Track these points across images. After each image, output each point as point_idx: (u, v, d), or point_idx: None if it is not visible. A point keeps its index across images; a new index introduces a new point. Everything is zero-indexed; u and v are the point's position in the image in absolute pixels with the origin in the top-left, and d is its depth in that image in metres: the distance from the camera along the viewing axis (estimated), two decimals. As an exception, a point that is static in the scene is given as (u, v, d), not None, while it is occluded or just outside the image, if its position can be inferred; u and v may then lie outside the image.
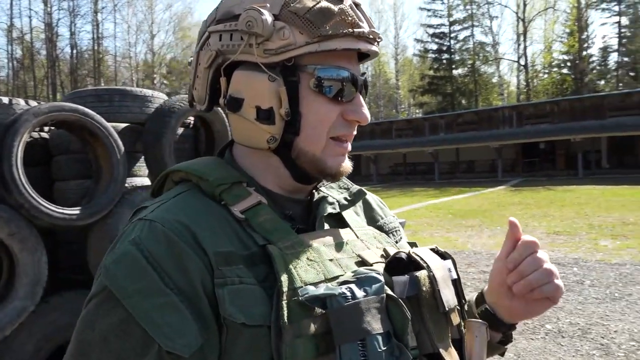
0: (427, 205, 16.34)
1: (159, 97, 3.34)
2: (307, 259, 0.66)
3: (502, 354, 0.86)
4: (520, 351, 4.20)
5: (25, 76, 42.30)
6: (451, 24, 43.56)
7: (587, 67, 42.00)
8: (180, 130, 3.50)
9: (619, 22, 42.03)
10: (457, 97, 43.25)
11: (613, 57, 44.26)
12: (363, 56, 0.75)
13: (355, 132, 0.75)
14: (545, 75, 44.80)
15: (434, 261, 0.71)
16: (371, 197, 0.90)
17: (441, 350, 0.66)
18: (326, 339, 0.60)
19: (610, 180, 21.52)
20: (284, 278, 0.61)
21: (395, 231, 0.87)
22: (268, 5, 0.67)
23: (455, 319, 0.70)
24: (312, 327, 0.59)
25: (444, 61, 43.95)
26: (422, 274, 0.68)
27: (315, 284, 0.63)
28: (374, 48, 0.71)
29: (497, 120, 29.25)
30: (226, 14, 0.70)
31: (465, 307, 0.76)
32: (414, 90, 46.80)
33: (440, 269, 0.70)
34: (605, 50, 45.11)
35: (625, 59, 43.03)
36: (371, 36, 0.70)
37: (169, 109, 3.09)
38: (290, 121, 0.69)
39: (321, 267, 0.66)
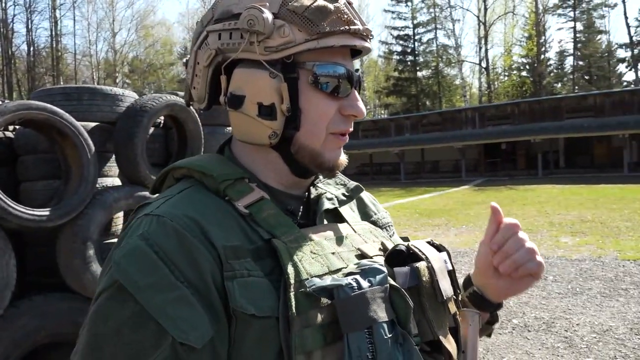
0: (394, 204, 16.55)
1: (130, 96, 3.27)
2: (311, 252, 0.68)
3: (489, 335, 0.90)
4: (489, 346, 4.31)
5: (-22, 74, 40.59)
6: (415, 26, 44.22)
7: (545, 70, 43.43)
8: (151, 130, 3.44)
9: (574, 27, 43.63)
10: (422, 99, 43.95)
11: (569, 61, 45.94)
12: (355, 53, 0.77)
13: (352, 128, 0.77)
14: (506, 78, 46.07)
15: (431, 253, 0.74)
16: (364, 193, 0.92)
17: (441, 337, 0.69)
18: (332, 328, 0.62)
19: (567, 180, 22.32)
20: (291, 271, 0.63)
21: (389, 226, 0.91)
22: (267, 4, 0.68)
23: (452, 307, 0.74)
24: (319, 317, 0.61)
25: (409, 63, 44.59)
26: (422, 265, 0.71)
27: (319, 276, 0.65)
28: (368, 44, 0.74)
29: (460, 121, 29.90)
30: (224, 13, 0.71)
31: (460, 297, 0.79)
32: (379, 92, 47.30)
33: (437, 260, 0.74)
34: (561, 54, 46.79)
35: (581, 62, 44.70)
36: (364, 33, 0.72)
37: (141, 108, 3.03)
38: (290, 117, 0.71)
39: (325, 260, 0.68)
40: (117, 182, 3.23)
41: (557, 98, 28.51)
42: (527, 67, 43.96)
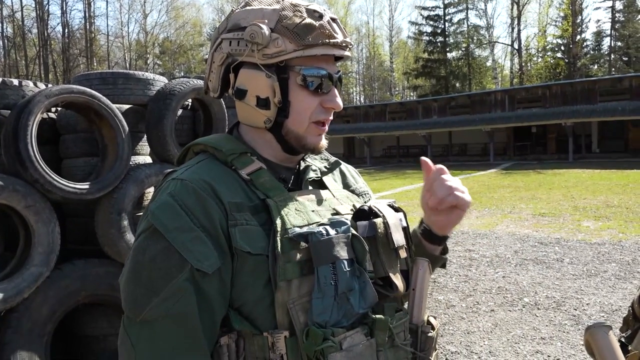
0: (419, 187, 16.58)
1: (160, 80, 3.53)
2: (295, 209, 0.91)
3: (444, 265, 1.11)
4: (498, 321, 4.49)
5: (16, 55, 41.87)
6: (446, 6, 43.35)
7: (581, 51, 42.12)
8: (179, 112, 3.70)
9: (612, 7, 42.11)
10: (451, 81, 43.30)
11: (606, 42, 44.44)
12: (338, 58, 0.99)
13: (331, 117, 0.99)
14: (539, 59, 44.91)
15: (388, 212, 0.96)
16: (346, 167, 1.15)
17: (390, 274, 0.92)
18: (307, 264, 0.86)
19: (599, 165, 21.87)
20: (278, 222, 0.86)
21: (365, 194, 1.13)
22: (266, 21, 0.90)
23: (403, 254, 0.95)
24: (298, 256, 0.85)
25: (439, 44, 43.83)
26: (378, 221, 0.94)
27: (300, 227, 0.88)
28: (346, 53, 0.95)
29: (490, 104, 29.43)
30: (235, 25, 0.94)
31: (412, 248, 1.00)
32: (408, 73, 46.77)
33: (393, 217, 0.96)
34: (598, 35, 45.27)
35: (619, 43, 43.20)
36: (343, 44, 0.93)
37: (170, 92, 3.29)
38: (281, 107, 0.94)
39: (306, 215, 0.91)
40: (148, 160, 3.51)
41: (590, 80, 27.70)
42: (562, 48, 42.72)
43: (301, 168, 1.04)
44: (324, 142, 1.00)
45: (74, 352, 3.29)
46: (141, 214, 3.37)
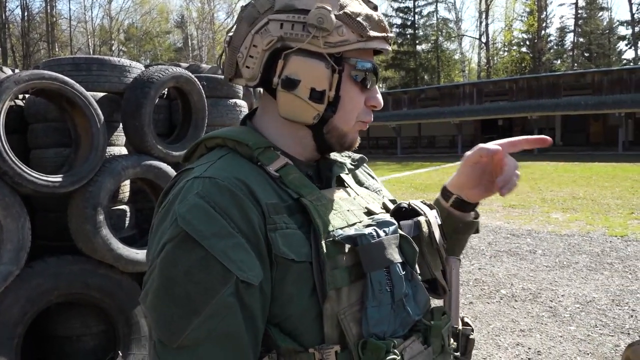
0: (390, 179, 16.72)
1: (137, 67, 3.35)
2: (332, 209, 0.82)
3: (477, 231, 1.06)
4: (477, 314, 4.52)
5: (-28, 39, 39.93)
6: (416, -2, 43.63)
7: (545, 46, 43.16)
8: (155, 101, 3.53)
9: (575, 3, 43.21)
10: (420, 73, 43.70)
11: (569, 38, 45.65)
12: (376, 52, 0.91)
13: (372, 119, 0.91)
14: (505, 53, 45.77)
15: (427, 210, 0.89)
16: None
17: (437, 275, 0.86)
18: (355, 269, 0.76)
19: (562, 157, 22.48)
20: (320, 224, 0.77)
21: (379, 191, 1.04)
22: (329, 6, 0.80)
23: (443, 253, 0.89)
24: (344, 261, 0.76)
25: (408, 36, 44.13)
26: (422, 219, 0.86)
27: (341, 228, 0.79)
28: (390, 48, 0.88)
29: (458, 97, 29.84)
30: (288, 6, 0.81)
31: (446, 246, 0.93)
32: (377, 65, 46.92)
33: (432, 216, 0.89)
34: (562, 31, 46.49)
35: (581, 39, 44.42)
36: (391, 39, 0.87)
37: (148, 79, 3.12)
38: (332, 102, 0.84)
39: (343, 215, 0.82)
40: (124, 151, 3.34)
41: (555, 75, 28.41)
42: (527, 43, 43.65)
43: (323, 164, 0.94)
44: (358, 139, 0.92)
45: (47, 354, 3.11)
46: (117, 207, 3.24)
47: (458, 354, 0.88)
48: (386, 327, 0.75)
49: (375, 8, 0.85)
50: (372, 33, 0.82)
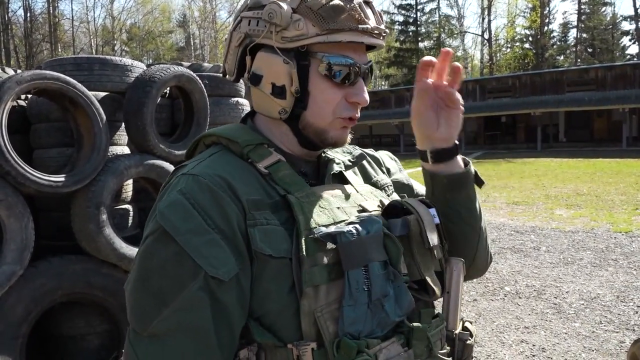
0: (393, 176, 16.68)
1: (139, 67, 3.35)
2: (319, 206, 0.81)
3: (479, 182, 0.96)
4: (482, 311, 4.51)
5: (-25, 40, 40.02)
6: (418, -5, 43.50)
7: (548, 42, 42.98)
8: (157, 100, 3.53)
9: (579, -1, 42.97)
10: (423, 70, 43.51)
11: (572, 33, 45.44)
12: (370, 47, 0.88)
13: (358, 114, 0.88)
14: (508, 50, 45.61)
15: (421, 208, 0.86)
16: (367, 158, 1.04)
17: (427, 278, 0.83)
18: (335, 268, 0.76)
19: (566, 153, 22.42)
20: (302, 220, 0.77)
21: (387, 186, 1.02)
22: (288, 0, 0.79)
23: (438, 254, 0.86)
24: (325, 259, 0.76)
25: (410, 33, 43.98)
26: (412, 218, 0.84)
27: (326, 226, 0.78)
28: (378, 41, 0.84)
29: (461, 94, 28.96)
30: (256, 3, 0.83)
31: (446, 247, 0.90)
32: (380, 62, 46.82)
33: (426, 214, 0.86)
34: (565, 27, 46.25)
35: (584, 35, 44.21)
36: (375, 31, 0.82)
37: (150, 79, 3.12)
38: (299, 97, 0.83)
39: (330, 213, 0.82)
40: (126, 150, 3.35)
41: (558, 71, 28.29)
42: (530, 39, 43.47)
43: (322, 161, 0.94)
44: (346, 136, 0.89)
45: (51, 353, 3.13)
46: (120, 207, 3.24)
47: (451, 359, 0.85)
48: (361, 327, 0.75)
49: None
50: (336, 26, 0.78)
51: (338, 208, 0.83)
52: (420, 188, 1.03)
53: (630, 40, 42.89)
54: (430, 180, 0.93)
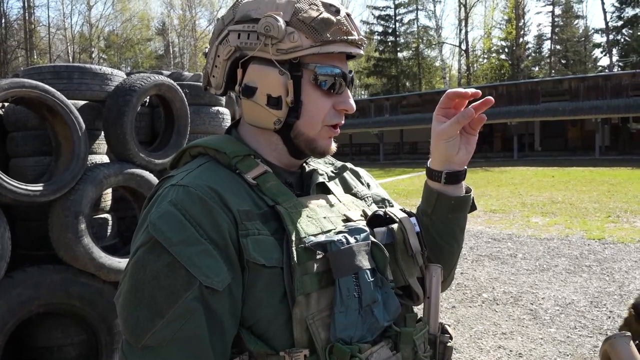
0: (373, 185, 16.76)
1: (119, 75, 3.34)
2: (307, 216, 0.84)
3: (474, 207, 1.02)
4: (460, 317, 4.57)
5: (-53, 46, 39.07)
6: (396, 6, 44.05)
7: (523, 53, 43.90)
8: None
9: (552, 12, 44.12)
10: (402, 80, 44.06)
11: (546, 45, 46.53)
12: (349, 56, 0.92)
13: (343, 121, 0.92)
14: (485, 60, 46.42)
15: (403, 217, 0.91)
16: (347, 171, 1.08)
17: (411, 282, 0.87)
18: (325, 276, 0.79)
19: (541, 162, 22.87)
20: (292, 230, 0.79)
21: (367, 197, 1.06)
22: (281, 13, 0.83)
23: (420, 260, 0.90)
24: (315, 267, 0.78)
25: (389, 43, 44.50)
26: (396, 227, 0.88)
27: (315, 235, 0.81)
28: (360, 51, 0.89)
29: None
30: (244, 16, 0.85)
31: (426, 253, 0.94)
32: (359, 72, 47.20)
33: (408, 223, 0.90)
34: (539, 38, 47.37)
35: (558, 46, 45.31)
36: (359, 42, 0.87)
37: (130, 87, 3.11)
38: (293, 107, 0.86)
39: (318, 222, 0.85)
40: (105, 159, 3.32)
41: (533, 81, 28.93)
42: (506, 50, 44.35)
43: (306, 172, 0.97)
44: (333, 146, 0.93)
45: (26, 365, 3.07)
46: (99, 216, 3.21)
47: None
48: (353, 332, 0.78)
49: (337, 12, 0.85)
50: (329, 37, 0.83)
51: (324, 218, 0.87)
52: (395, 203, 1.07)
53: (601, 52, 44.08)
54: (435, 199, 0.97)
